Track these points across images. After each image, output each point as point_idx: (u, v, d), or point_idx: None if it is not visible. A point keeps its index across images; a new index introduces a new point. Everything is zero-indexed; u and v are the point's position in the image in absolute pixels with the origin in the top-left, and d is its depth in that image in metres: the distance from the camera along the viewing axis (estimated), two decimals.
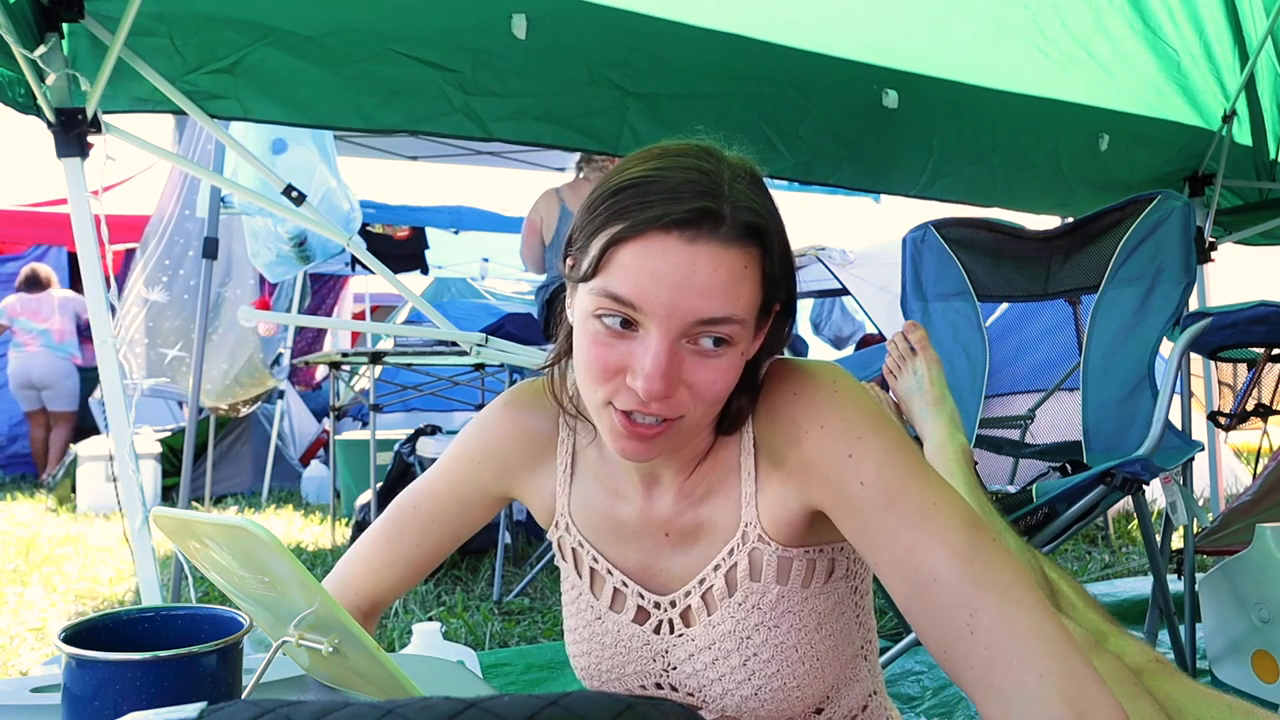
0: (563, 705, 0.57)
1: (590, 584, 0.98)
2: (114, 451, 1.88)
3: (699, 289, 0.75)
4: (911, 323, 1.86)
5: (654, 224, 0.75)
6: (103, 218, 1.85)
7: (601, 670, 0.98)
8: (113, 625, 0.89)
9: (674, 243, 0.75)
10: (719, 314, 0.76)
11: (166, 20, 1.98)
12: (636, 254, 0.76)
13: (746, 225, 0.77)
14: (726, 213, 0.76)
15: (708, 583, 0.91)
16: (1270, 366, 2.53)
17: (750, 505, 0.89)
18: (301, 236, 3.87)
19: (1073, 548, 3.85)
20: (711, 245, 0.76)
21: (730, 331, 0.78)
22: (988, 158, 3.03)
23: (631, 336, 0.78)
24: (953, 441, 1.66)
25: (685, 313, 0.76)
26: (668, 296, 0.75)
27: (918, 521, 0.77)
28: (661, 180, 0.77)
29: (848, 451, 0.81)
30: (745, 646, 0.90)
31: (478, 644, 2.68)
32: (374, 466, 4.38)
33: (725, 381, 0.80)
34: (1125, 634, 1.30)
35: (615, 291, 0.77)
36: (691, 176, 0.78)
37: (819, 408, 0.83)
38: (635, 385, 0.77)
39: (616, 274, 0.77)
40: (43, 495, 5.64)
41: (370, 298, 8.26)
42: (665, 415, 0.79)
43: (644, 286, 0.76)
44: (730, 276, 0.76)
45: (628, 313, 0.77)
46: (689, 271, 0.75)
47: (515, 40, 2.28)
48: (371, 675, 0.89)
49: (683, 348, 0.78)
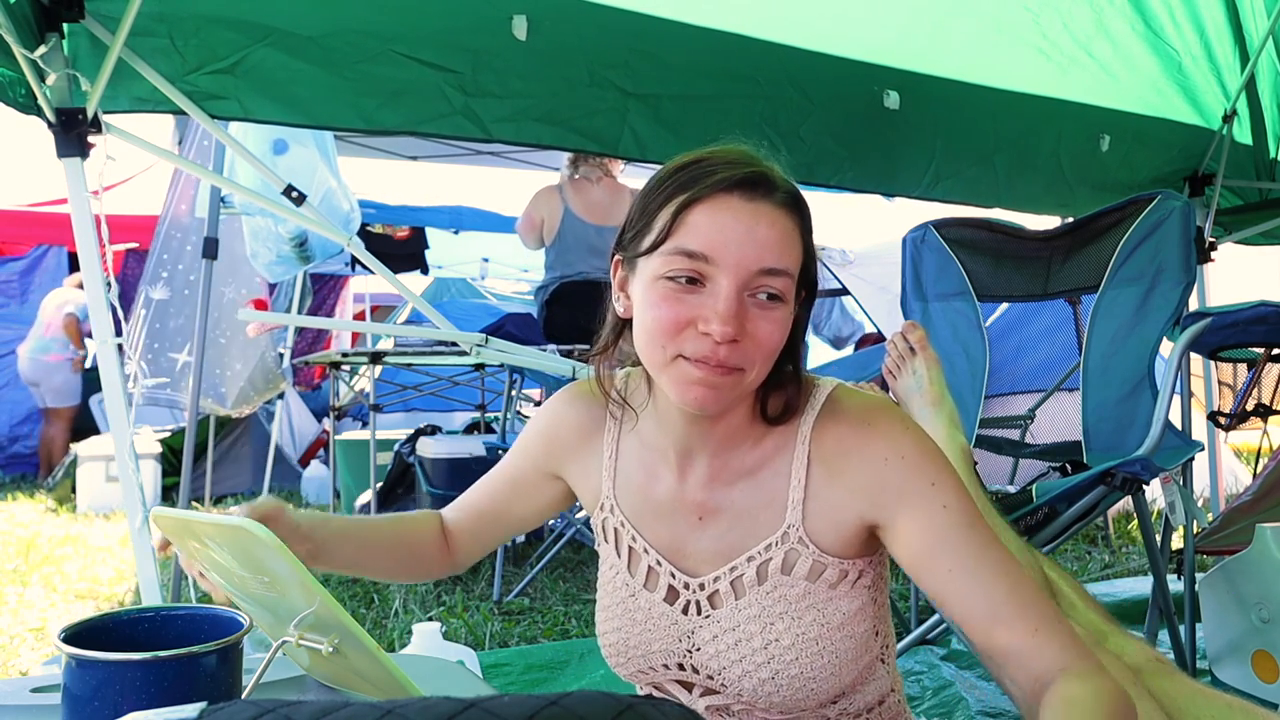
0: (563, 705, 0.57)
1: (628, 563, 1.04)
2: (114, 451, 1.88)
3: (760, 241, 0.87)
4: (911, 323, 1.85)
5: (719, 186, 0.88)
6: (103, 218, 1.85)
7: (629, 647, 1.04)
8: (113, 625, 0.89)
9: (737, 201, 0.88)
10: (778, 265, 0.88)
11: (167, 20, 1.98)
12: (706, 213, 0.88)
13: (792, 194, 0.91)
14: (778, 180, 0.90)
15: (739, 570, 0.97)
16: (1270, 366, 2.53)
17: (796, 509, 0.96)
18: (302, 236, 3.87)
19: (1073, 548, 3.85)
20: (768, 205, 0.89)
21: (783, 286, 0.89)
22: (991, 158, 3.03)
23: (699, 290, 0.88)
24: (952, 441, 1.65)
25: (751, 261, 0.87)
26: (735, 247, 0.87)
27: (996, 544, 0.91)
28: (716, 157, 0.91)
29: (930, 480, 0.92)
30: (768, 632, 0.95)
31: (478, 644, 2.68)
32: (374, 466, 4.38)
33: (779, 335, 0.90)
34: (1125, 634, 1.30)
35: (688, 248, 0.88)
36: (740, 156, 0.91)
37: (898, 439, 0.94)
38: (710, 329, 0.86)
39: (688, 234, 0.88)
40: (43, 495, 5.64)
41: (370, 298, 8.26)
42: (733, 364, 0.88)
43: (715, 239, 0.87)
44: (784, 234, 0.89)
45: (698, 266, 0.87)
46: (752, 225, 0.87)
47: (515, 41, 2.28)
48: (371, 675, 0.89)
49: (744, 300, 0.88)
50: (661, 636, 1.01)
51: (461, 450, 3.97)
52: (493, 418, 4.56)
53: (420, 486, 4.04)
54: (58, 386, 6.58)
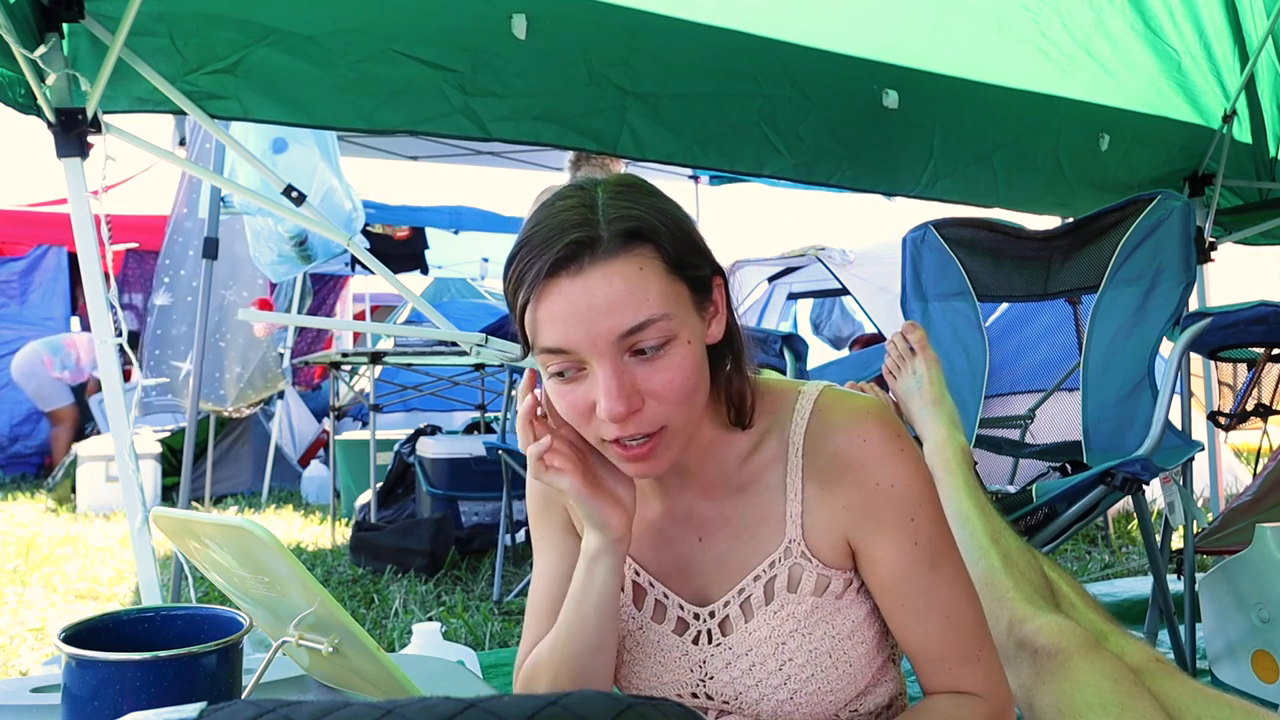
0: (563, 705, 0.57)
1: (633, 597, 1.02)
2: (114, 451, 1.88)
3: (603, 309, 0.82)
4: (911, 323, 1.85)
5: (543, 277, 0.82)
6: (103, 218, 1.85)
7: (641, 680, 1.02)
8: (113, 625, 0.89)
9: (565, 282, 0.82)
10: (634, 322, 0.82)
11: (166, 20, 1.98)
12: (544, 309, 0.83)
13: (625, 233, 0.83)
14: (601, 232, 0.83)
15: (746, 592, 0.96)
16: (1270, 366, 2.53)
17: (796, 523, 0.95)
18: (302, 235, 3.87)
19: (1073, 548, 3.85)
20: (597, 268, 0.82)
21: (657, 332, 0.83)
22: (989, 158, 3.02)
23: (583, 376, 0.85)
24: (952, 441, 1.65)
25: (605, 334, 0.82)
26: (584, 330, 0.82)
27: (952, 583, 0.94)
28: (536, 235, 0.84)
29: (910, 515, 0.92)
30: (780, 652, 0.95)
31: (478, 644, 2.68)
32: (374, 466, 4.38)
33: (682, 375, 0.85)
34: (1125, 634, 1.30)
35: (547, 346, 0.84)
36: (562, 217, 0.84)
37: (890, 463, 0.92)
38: (600, 416, 0.84)
39: (541, 333, 0.84)
40: (43, 495, 5.64)
41: (370, 298, 8.26)
42: (644, 431, 0.86)
43: (562, 332, 0.83)
44: (627, 285, 0.82)
45: (566, 359, 0.84)
46: (588, 299, 0.82)
47: (515, 40, 2.28)
48: (371, 675, 0.89)
49: (628, 364, 0.84)
50: (673, 668, 1.00)
51: (461, 450, 3.97)
52: (493, 418, 4.56)
53: (420, 486, 4.04)
54: (35, 390, 6.59)
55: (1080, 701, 1.09)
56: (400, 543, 3.59)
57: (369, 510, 4.21)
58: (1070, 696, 1.11)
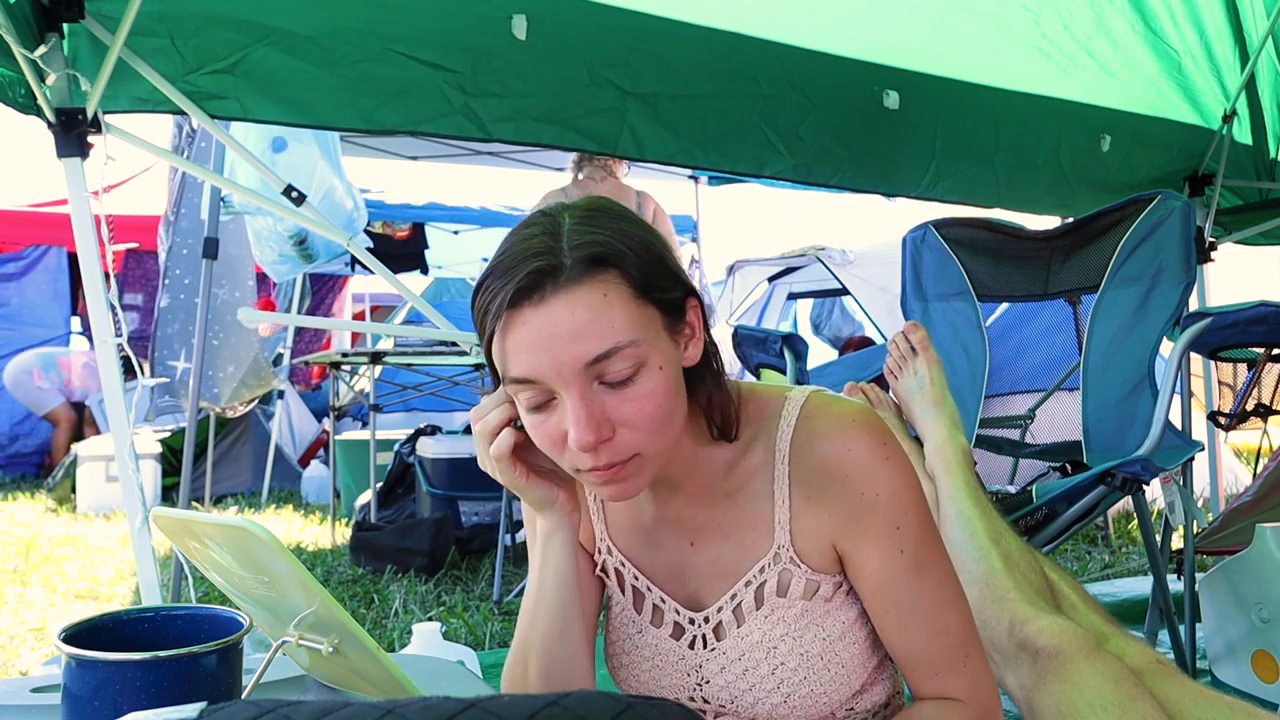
0: (563, 705, 0.57)
1: (632, 601, 1.04)
2: (114, 451, 1.88)
3: (567, 338, 0.80)
4: (912, 323, 1.85)
5: (506, 308, 0.81)
6: (103, 218, 1.85)
7: (640, 684, 1.03)
8: (113, 625, 0.89)
9: (527, 313, 0.81)
10: (599, 350, 0.81)
11: (166, 20, 1.98)
12: (510, 339, 0.82)
13: (588, 259, 0.81)
14: (564, 259, 0.81)
15: (739, 598, 0.97)
16: (1270, 366, 2.53)
17: (784, 530, 0.95)
18: (301, 235, 3.86)
19: (1073, 548, 3.85)
20: (558, 296, 0.80)
21: (627, 357, 0.82)
22: (991, 159, 3.02)
23: (554, 406, 0.84)
24: (953, 442, 1.65)
25: (570, 364, 0.81)
26: (548, 359, 0.81)
27: (938, 589, 0.94)
28: (501, 265, 0.83)
29: (896, 524, 0.92)
30: (772, 656, 0.96)
31: (478, 644, 2.68)
32: (374, 466, 4.38)
33: (655, 403, 0.84)
34: (1126, 635, 1.30)
35: (514, 376, 0.83)
36: (525, 245, 0.83)
37: (875, 472, 0.92)
38: (571, 446, 0.83)
39: (509, 364, 0.83)
40: (43, 495, 5.64)
41: (370, 298, 8.26)
42: (620, 458, 0.85)
43: (527, 361, 0.82)
44: (591, 312, 0.81)
45: (535, 389, 0.83)
46: (551, 328, 0.80)
47: (515, 40, 2.28)
48: (371, 675, 0.89)
49: (597, 392, 0.83)
50: (670, 672, 1.01)
51: (461, 450, 3.97)
52: None
53: (420, 486, 4.04)
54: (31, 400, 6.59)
55: (1081, 703, 1.10)
56: (400, 543, 3.59)
57: (369, 510, 4.21)
58: (1071, 698, 1.11)
